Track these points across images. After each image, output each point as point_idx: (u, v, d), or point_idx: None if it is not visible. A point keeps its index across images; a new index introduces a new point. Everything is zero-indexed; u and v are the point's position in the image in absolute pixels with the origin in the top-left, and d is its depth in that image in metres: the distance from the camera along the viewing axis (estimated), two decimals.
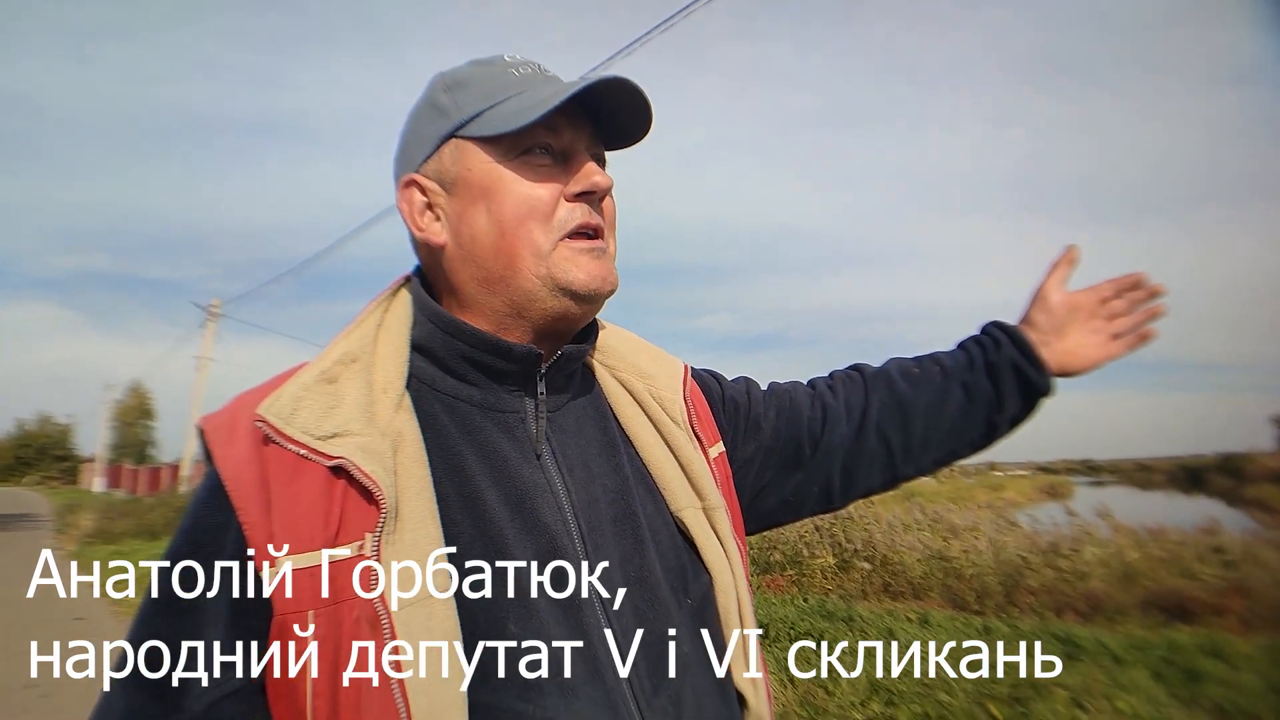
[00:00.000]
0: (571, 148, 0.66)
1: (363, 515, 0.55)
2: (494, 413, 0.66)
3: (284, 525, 0.55)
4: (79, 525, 13.97)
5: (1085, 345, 0.87)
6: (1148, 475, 47.92)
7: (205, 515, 0.58)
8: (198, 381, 21.12)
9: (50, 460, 55.37)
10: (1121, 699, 3.57)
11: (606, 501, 0.67)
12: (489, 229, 0.63)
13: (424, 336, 0.66)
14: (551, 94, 0.62)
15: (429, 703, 0.51)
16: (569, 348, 0.68)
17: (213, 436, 0.60)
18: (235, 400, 0.63)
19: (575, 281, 0.64)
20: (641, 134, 0.69)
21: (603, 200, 0.68)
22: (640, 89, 0.64)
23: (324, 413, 0.59)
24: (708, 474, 0.73)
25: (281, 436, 0.57)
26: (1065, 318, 0.87)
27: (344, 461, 0.56)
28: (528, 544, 0.61)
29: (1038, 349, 0.86)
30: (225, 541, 0.56)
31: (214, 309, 21.56)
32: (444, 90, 0.67)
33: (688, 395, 0.78)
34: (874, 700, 3.67)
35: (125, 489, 32.54)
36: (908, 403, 0.86)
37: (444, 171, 0.66)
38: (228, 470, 0.58)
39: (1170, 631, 4.85)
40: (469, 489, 0.61)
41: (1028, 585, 5.92)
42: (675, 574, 0.68)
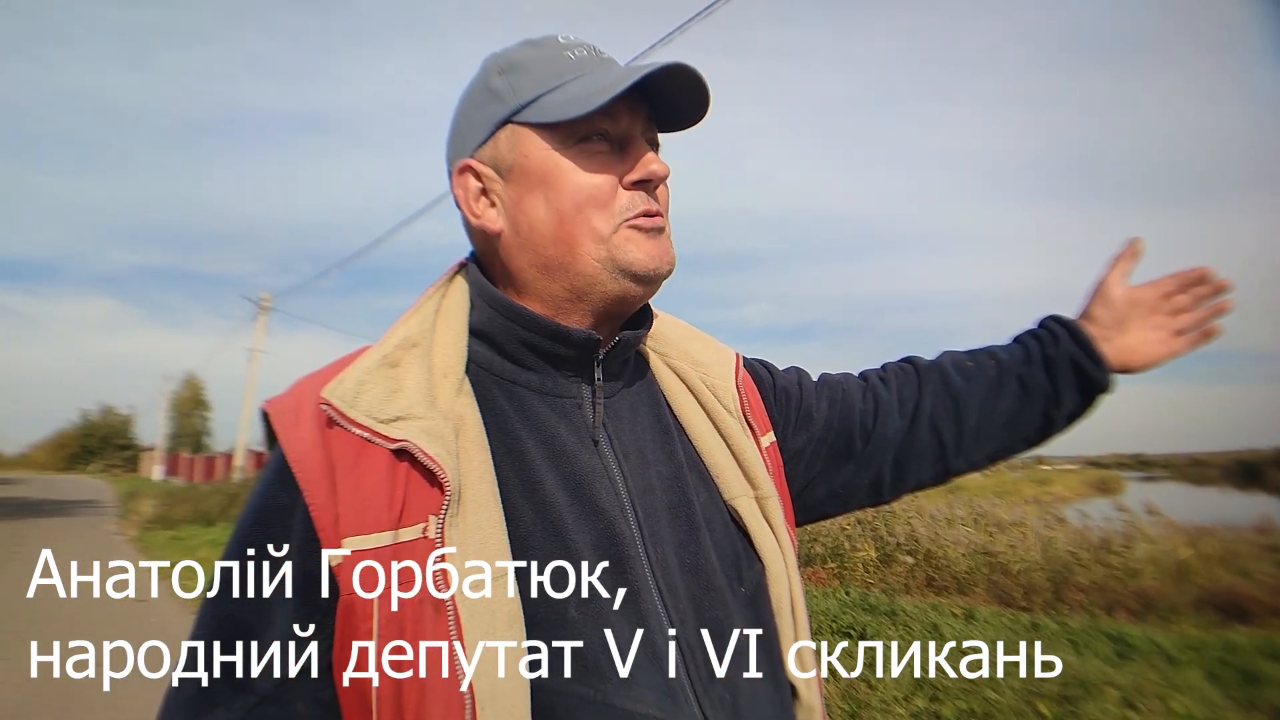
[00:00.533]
0: (628, 133, 0.65)
1: (426, 498, 0.56)
2: (552, 398, 0.66)
3: (349, 507, 0.55)
4: (140, 511, 14.55)
5: (1146, 341, 0.86)
6: (1201, 470, 46.20)
7: (272, 496, 0.59)
8: (250, 372, 21.82)
9: (113, 449, 57.17)
10: (1175, 699, 3.50)
11: (661, 488, 0.67)
12: (548, 217, 0.63)
13: (482, 322, 0.66)
14: (611, 81, 0.61)
15: (491, 684, 0.52)
16: (626, 334, 0.68)
17: (278, 419, 0.60)
18: (298, 384, 0.63)
19: (636, 262, 0.64)
20: (698, 118, 0.69)
21: (657, 187, 0.67)
22: (700, 75, 0.63)
23: (387, 396, 0.59)
24: (760, 462, 0.73)
25: (345, 420, 0.58)
26: (1126, 312, 0.86)
27: (407, 444, 0.56)
28: (587, 529, 0.61)
29: (1097, 344, 0.84)
30: (292, 523, 0.57)
31: (264, 303, 22.19)
32: (498, 73, 0.66)
33: (739, 383, 0.77)
34: (918, 695, 3.65)
35: (182, 477, 33.70)
36: (961, 396, 0.85)
37: (500, 158, 0.65)
38: (294, 452, 0.58)
39: (1226, 632, 4.72)
40: (529, 474, 0.62)
41: (1077, 582, 5.80)
42: (729, 562, 0.68)
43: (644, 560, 0.62)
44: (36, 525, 13.51)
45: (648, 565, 0.62)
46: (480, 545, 0.55)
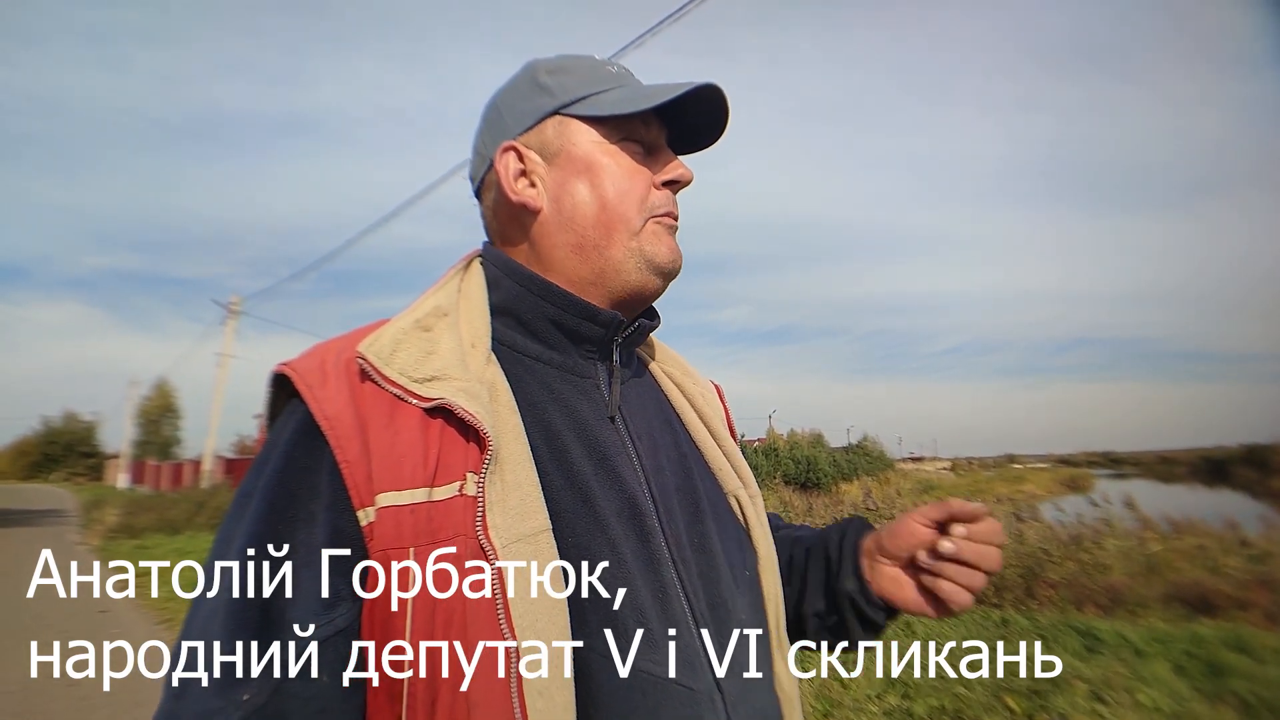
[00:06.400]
0: (656, 142, 0.72)
1: (462, 455, 0.56)
2: (572, 376, 0.69)
3: (383, 464, 0.55)
4: (103, 520, 14.18)
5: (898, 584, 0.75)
6: (1170, 467, 47.25)
7: (298, 456, 0.57)
8: (218, 378, 21.40)
9: (76, 457, 55.99)
10: (1142, 692, 3.53)
11: (671, 471, 0.70)
12: (590, 201, 0.68)
13: (508, 299, 0.69)
14: (656, 90, 0.69)
15: (532, 619, 0.52)
16: (642, 321, 0.73)
17: (304, 379, 0.59)
18: (317, 347, 0.63)
19: (660, 256, 0.69)
20: (711, 141, 0.76)
21: (678, 193, 0.74)
22: (726, 100, 0.71)
23: (422, 357, 0.60)
24: (747, 466, 0.78)
25: (380, 376, 0.58)
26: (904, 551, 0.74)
27: (445, 401, 0.57)
28: (612, 498, 0.63)
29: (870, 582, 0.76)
30: (319, 481, 0.55)
31: (234, 306, 21.82)
32: (547, 73, 0.71)
33: (723, 403, 0.85)
34: (890, 693, 3.65)
35: (149, 485, 33.02)
36: None
37: (547, 143, 0.70)
38: (324, 410, 0.57)
39: (1193, 625, 4.78)
40: (556, 442, 0.63)
41: (1047, 578, 5.85)
42: (734, 546, 0.71)
43: (661, 534, 0.64)
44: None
45: (664, 539, 0.64)
46: (520, 503, 0.56)
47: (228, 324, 21.68)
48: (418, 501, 0.54)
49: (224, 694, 0.51)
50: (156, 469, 35.01)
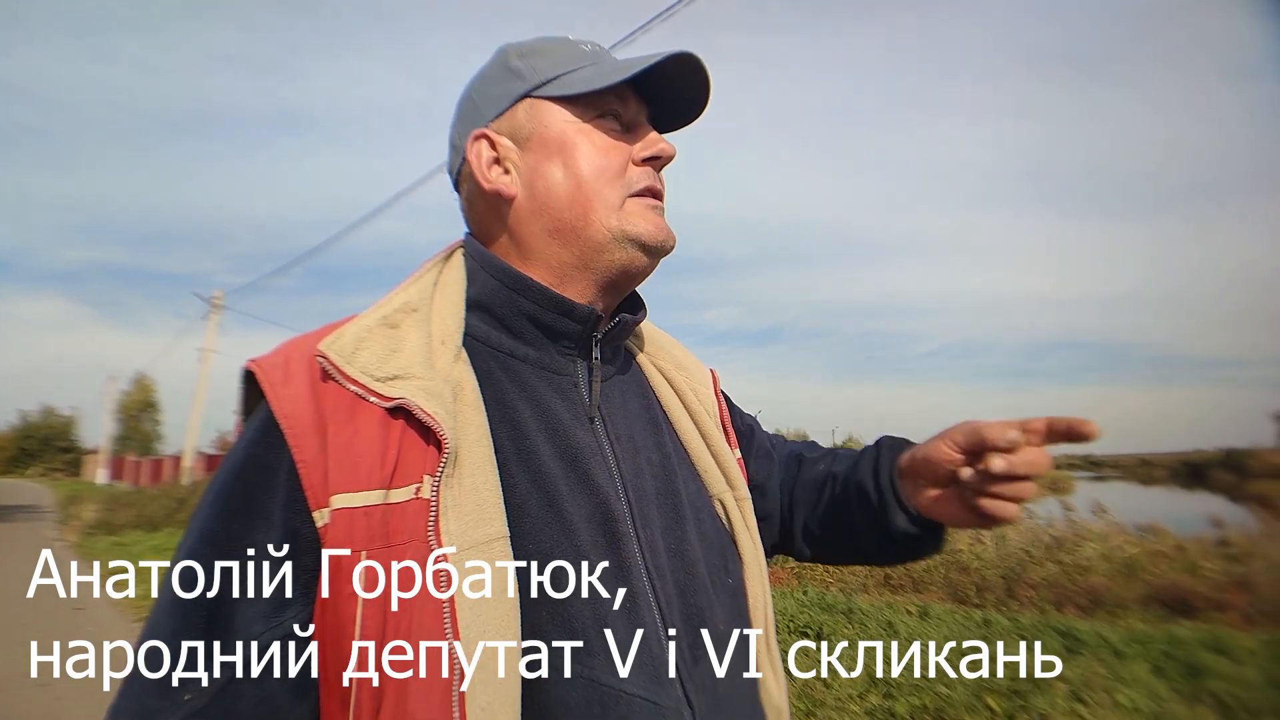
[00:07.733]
0: (636, 119, 0.70)
1: (421, 457, 0.54)
2: (549, 374, 0.67)
3: (340, 465, 0.54)
4: (81, 517, 14.00)
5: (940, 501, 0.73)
6: (1149, 471, 47.84)
7: (257, 454, 0.56)
8: (200, 373, 21.16)
9: (54, 452, 55.25)
10: (1121, 692, 3.55)
11: (650, 475, 0.67)
12: (564, 182, 0.66)
13: (484, 294, 0.67)
14: (627, 64, 0.66)
15: (478, 623, 0.50)
16: (624, 316, 0.70)
17: (267, 376, 0.58)
18: (285, 344, 0.62)
19: (643, 233, 0.66)
20: (693, 116, 0.73)
21: (661, 169, 0.70)
22: (705, 68, 0.68)
23: (385, 355, 0.58)
24: (737, 467, 0.75)
25: (341, 375, 0.57)
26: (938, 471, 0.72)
27: (405, 402, 0.55)
28: (581, 502, 0.60)
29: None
30: (277, 481, 0.54)
31: (216, 301, 21.58)
32: (518, 56, 0.69)
33: (718, 394, 0.82)
34: (872, 692, 3.66)
35: (128, 481, 32.65)
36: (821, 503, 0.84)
37: (519, 128, 0.68)
38: (284, 408, 0.56)
39: (1172, 626, 4.83)
40: (525, 443, 0.61)
41: (1029, 579, 5.90)
42: (716, 553, 0.69)
43: (634, 540, 0.62)
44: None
45: (637, 545, 0.62)
46: (476, 509, 0.54)
47: (210, 319, 21.43)
48: (373, 504, 0.53)
49: (166, 694, 0.50)
50: (136, 465, 34.68)
